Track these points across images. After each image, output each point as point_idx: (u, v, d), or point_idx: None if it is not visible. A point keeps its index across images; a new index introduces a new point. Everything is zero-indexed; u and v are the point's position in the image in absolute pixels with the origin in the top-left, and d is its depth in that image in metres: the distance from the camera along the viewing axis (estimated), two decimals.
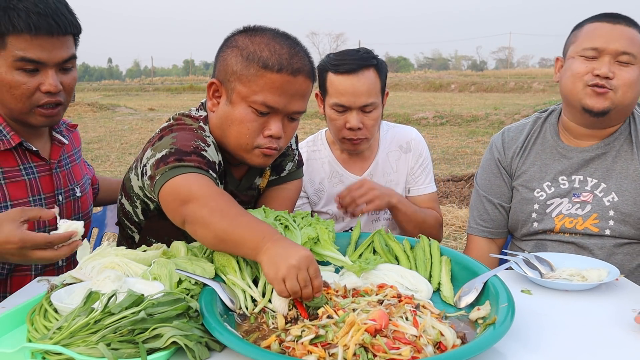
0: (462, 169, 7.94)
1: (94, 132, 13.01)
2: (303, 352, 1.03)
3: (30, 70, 1.52)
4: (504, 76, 33.76)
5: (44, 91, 1.54)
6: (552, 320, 1.28)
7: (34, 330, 1.14)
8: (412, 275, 1.43)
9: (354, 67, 1.96)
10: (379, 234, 1.60)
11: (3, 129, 1.60)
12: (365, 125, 2.01)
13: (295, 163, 1.87)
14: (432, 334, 1.08)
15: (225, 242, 1.29)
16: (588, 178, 1.86)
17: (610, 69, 1.75)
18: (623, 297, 1.42)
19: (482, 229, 2.05)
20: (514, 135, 2.03)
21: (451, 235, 4.95)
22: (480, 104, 18.68)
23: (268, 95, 1.46)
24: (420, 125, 14.06)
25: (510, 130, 2.06)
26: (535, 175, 1.94)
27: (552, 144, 1.94)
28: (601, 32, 1.79)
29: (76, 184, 1.83)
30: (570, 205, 1.87)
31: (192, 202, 1.32)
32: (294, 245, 1.23)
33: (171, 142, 1.46)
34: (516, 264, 1.54)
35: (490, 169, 2.06)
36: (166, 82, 51.05)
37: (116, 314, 1.08)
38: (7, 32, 1.47)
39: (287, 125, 1.54)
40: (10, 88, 1.52)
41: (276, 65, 1.45)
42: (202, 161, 1.43)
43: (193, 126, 1.58)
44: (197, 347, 1.05)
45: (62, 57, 1.55)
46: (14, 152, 1.62)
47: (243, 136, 1.51)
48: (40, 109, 1.56)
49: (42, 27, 1.48)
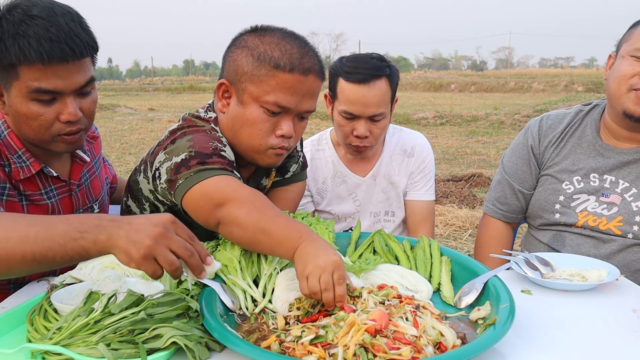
0: (462, 169, 7.94)
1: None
2: (303, 352, 1.02)
3: (46, 100, 1.39)
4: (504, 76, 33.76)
5: (63, 121, 1.42)
6: (552, 320, 1.28)
7: (33, 331, 1.14)
8: (412, 276, 1.43)
9: (365, 77, 1.94)
10: (379, 234, 1.60)
11: (23, 154, 1.50)
12: (373, 134, 2.01)
13: (300, 165, 1.87)
14: (432, 335, 1.08)
15: (261, 242, 1.28)
16: (620, 180, 1.83)
17: None
18: (623, 297, 1.42)
19: (497, 211, 2.06)
20: (553, 123, 2.00)
21: (451, 235, 4.95)
22: (480, 104, 18.68)
23: (280, 95, 1.46)
24: (420, 125, 14.05)
25: (550, 118, 2.02)
26: (567, 168, 1.91)
27: (591, 140, 1.91)
28: None
29: (94, 201, 1.77)
30: (597, 204, 1.85)
31: (227, 204, 1.31)
32: (328, 247, 1.22)
33: (188, 145, 1.45)
34: (516, 264, 1.54)
35: (520, 153, 2.03)
36: (166, 82, 51.07)
37: (116, 314, 1.08)
38: (19, 62, 1.33)
39: (297, 125, 1.54)
40: (28, 120, 1.41)
41: (288, 65, 1.45)
42: (225, 162, 1.43)
43: (205, 128, 1.56)
44: (197, 347, 1.05)
45: (80, 83, 1.42)
46: (35, 177, 1.54)
47: (256, 137, 1.50)
48: (62, 136, 1.46)
49: (55, 55, 1.33)
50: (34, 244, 1.05)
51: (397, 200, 2.22)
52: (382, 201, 2.21)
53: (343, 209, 2.20)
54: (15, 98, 1.38)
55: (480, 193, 6.28)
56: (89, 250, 1.05)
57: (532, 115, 13.23)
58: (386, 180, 2.20)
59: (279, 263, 1.39)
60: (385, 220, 2.22)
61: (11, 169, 1.49)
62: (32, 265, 1.06)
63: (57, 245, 1.04)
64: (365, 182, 2.19)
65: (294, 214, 1.69)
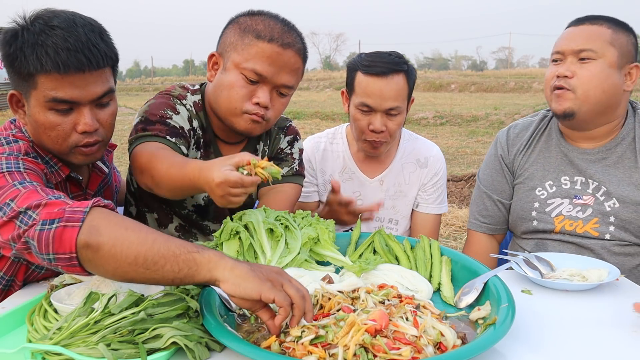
0: (462, 169, 7.94)
1: None
2: (303, 352, 1.02)
3: (63, 110, 1.39)
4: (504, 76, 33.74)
5: (79, 132, 1.42)
6: (552, 320, 1.28)
7: (34, 331, 1.14)
8: (412, 276, 1.43)
9: (384, 70, 1.95)
10: (379, 234, 1.60)
11: (50, 159, 1.49)
12: (388, 129, 2.01)
13: (293, 170, 1.91)
14: (432, 334, 1.07)
15: (181, 188, 1.45)
16: (589, 180, 1.85)
17: (569, 68, 1.76)
18: (623, 297, 1.42)
19: (481, 225, 2.06)
20: (520, 131, 2.03)
21: (451, 235, 4.95)
22: (480, 104, 18.68)
23: (258, 63, 1.58)
24: (420, 125, 14.06)
25: (517, 126, 2.06)
26: (537, 174, 1.93)
27: (557, 143, 1.93)
28: (565, 36, 1.82)
29: None
30: (571, 207, 1.86)
31: (145, 172, 1.50)
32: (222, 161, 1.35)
33: (144, 109, 1.67)
34: (516, 264, 1.54)
35: (493, 164, 2.06)
36: (166, 83, 51.00)
37: (116, 315, 1.08)
38: (37, 72, 1.34)
39: (276, 99, 1.65)
40: (46, 129, 1.41)
41: (268, 36, 1.58)
42: (165, 129, 1.60)
43: (174, 93, 1.73)
44: (197, 347, 1.05)
45: (97, 94, 1.41)
46: (59, 184, 1.53)
47: (233, 100, 1.62)
48: (79, 148, 1.45)
49: (72, 64, 1.33)
50: (149, 248, 1.08)
51: (404, 210, 2.21)
52: (387, 208, 2.20)
53: None
54: (34, 108, 1.39)
55: None
56: (200, 265, 1.09)
57: None
58: (395, 188, 2.19)
59: (278, 263, 1.40)
60: (388, 227, 2.21)
61: (46, 174, 1.46)
62: (139, 270, 1.09)
63: (171, 254, 1.08)
64: (371, 184, 2.18)
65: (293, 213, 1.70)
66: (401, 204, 2.20)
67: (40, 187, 1.24)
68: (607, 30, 1.76)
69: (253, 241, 1.42)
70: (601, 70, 1.73)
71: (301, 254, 1.44)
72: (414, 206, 2.22)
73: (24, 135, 1.47)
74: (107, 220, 1.12)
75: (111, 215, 1.14)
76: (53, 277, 1.51)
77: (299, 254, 1.44)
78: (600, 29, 1.76)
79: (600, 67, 1.73)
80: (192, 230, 1.89)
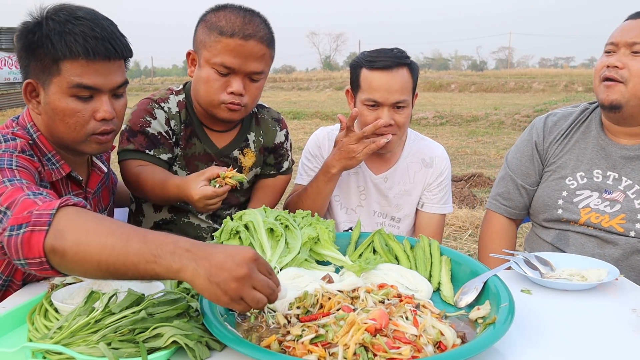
0: (462, 169, 7.94)
1: None
2: (303, 351, 1.03)
3: (84, 97, 1.45)
4: (504, 76, 33.73)
5: (98, 119, 1.47)
6: (552, 320, 1.28)
7: (34, 330, 1.14)
8: (412, 275, 1.43)
9: (388, 64, 1.97)
10: (379, 234, 1.60)
11: (53, 157, 1.53)
12: (397, 123, 2.01)
13: (290, 163, 2.16)
14: (432, 334, 1.08)
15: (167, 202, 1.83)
16: (623, 177, 1.84)
17: (620, 59, 1.74)
18: (623, 297, 1.42)
19: (500, 206, 2.07)
20: (559, 120, 2.01)
21: (451, 235, 4.95)
22: (480, 104, 18.68)
23: (225, 57, 1.73)
24: (420, 125, 14.06)
25: (556, 115, 2.04)
26: (570, 163, 1.92)
27: (595, 136, 1.92)
28: (620, 28, 1.80)
29: (104, 210, 1.80)
30: (599, 200, 1.85)
31: (135, 190, 1.79)
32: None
33: (128, 118, 1.85)
34: (516, 263, 1.54)
35: (524, 149, 2.04)
36: (166, 82, 50.97)
37: (117, 314, 1.08)
38: (63, 58, 1.40)
39: (249, 85, 1.80)
40: (65, 116, 1.45)
41: (229, 31, 1.73)
42: (145, 142, 1.82)
43: (154, 98, 1.91)
44: (197, 346, 1.05)
45: (117, 83, 1.49)
46: (60, 182, 1.56)
47: (209, 93, 1.79)
48: (95, 136, 1.50)
49: (100, 52, 1.42)
50: (109, 255, 1.04)
51: (407, 209, 2.20)
52: (390, 206, 2.20)
53: (349, 198, 2.21)
54: (54, 95, 1.43)
55: (480, 193, 6.28)
56: (160, 275, 1.04)
57: (532, 115, 13.23)
58: (399, 187, 2.19)
59: (278, 262, 1.40)
60: (390, 225, 2.21)
61: (44, 169, 1.50)
62: (107, 274, 1.06)
63: (130, 263, 1.03)
64: (375, 180, 2.18)
65: (277, 201, 2.15)
66: (405, 203, 2.20)
67: (27, 184, 1.24)
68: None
69: (253, 241, 1.43)
70: None
71: (301, 254, 1.44)
72: (419, 206, 2.21)
73: (25, 133, 1.48)
74: (73, 222, 1.09)
75: (78, 215, 1.11)
76: (53, 276, 1.51)
77: (299, 253, 1.44)
78: None
79: None
80: (183, 211, 2.02)
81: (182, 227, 2.00)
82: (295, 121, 15.31)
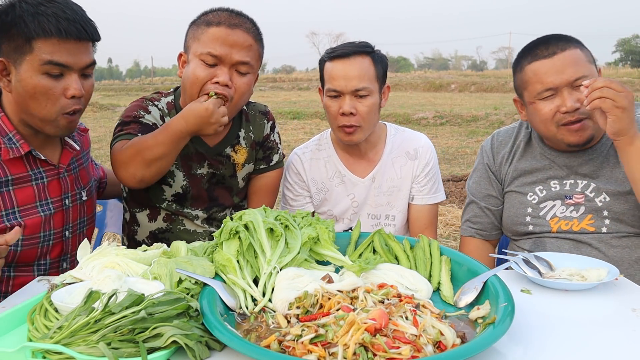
0: (462, 169, 7.95)
1: (94, 132, 13.01)
2: (303, 351, 1.03)
3: (55, 75, 1.54)
4: (504, 76, 33.71)
5: (69, 96, 1.57)
6: (551, 319, 1.28)
7: (34, 330, 1.14)
8: (412, 275, 1.43)
9: (346, 51, 2.01)
10: (379, 234, 1.60)
11: (13, 136, 1.62)
12: (359, 112, 2.00)
13: (280, 156, 2.15)
14: (432, 334, 1.08)
15: (175, 145, 1.72)
16: (578, 180, 1.87)
17: (574, 100, 1.71)
18: (623, 297, 1.42)
19: (472, 230, 2.09)
20: (503, 139, 2.04)
21: (451, 235, 4.95)
22: (480, 104, 18.68)
23: (210, 46, 1.77)
24: (420, 125, 14.06)
25: (500, 134, 2.07)
26: (526, 180, 1.95)
27: (539, 150, 1.95)
28: (546, 71, 1.75)
29: (83, 188, 1.85)
30: (564, 207, 1.88)
31: (119, 166, 1.74)
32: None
33: (122, 114, 1.90)
34: (516, 263, 1.54)
35: (480, 173, 2.08)
36: (166, 82, 50.95)
37: (116, 314, 1.08)
38: (36, 36, 1.50)
39: (236, 78, 1.81)
40: (36, 93, 1.54)
41: (215, 21, 1.79)
42: (137, 127, 1.82)
43: (147, 97, 1.96)
44: (197, 346, 1.05)
45: (86, 62, 1.60)
46: (24, 159, 1.65)
47: (194, 84, 1.79)
48: (64, 115, 1.60)
49: (71, 32, 1.53)
50: None
51: (399, 205, 2.20)
52: (382, 204, 2.19)
53: (341, 208, 2.20)
54: (25, 72, 1.53)
55: None
56: None
57: None
58: (388, 184, 2.18)
59: (278, 262, 1.40)
60: (385, 224, 2.20)
61: (0, 148, 1.60)
62: None
63: None
64: (363, 183, 2.18)
65: (275, 198, 2.16)
66: (396, 199, 2.19)
67: None
68: (579, 50, 1.76)
69: (253, 241, 1.43)
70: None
71: (301, 254, 1.44)
72: (410, 199, 2.20)
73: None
74: None
75: None
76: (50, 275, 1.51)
77: (299, 253, 1.44)
78: (576, 52, 1.75)
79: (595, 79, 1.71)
80: (178, 218, 2.02)
81: (178, 234, 2.00)
82: (295, 121, 15.32)
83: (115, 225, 2.29)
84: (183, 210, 2.00)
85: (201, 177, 2.00)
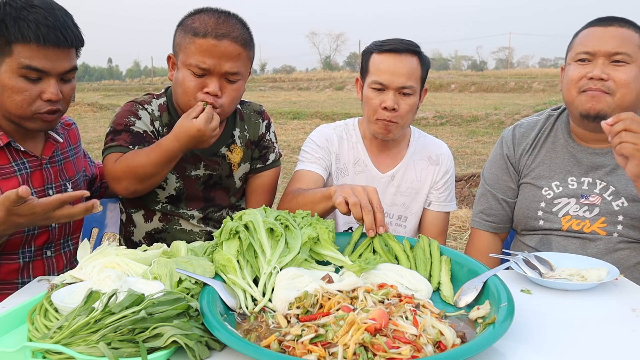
0: (462, 169, 7.94)
1: (94, 132, 13.01)
2: (303, 351, 1.03)
3: (33, 78, 1.57)
4: (504, 76, 33.74)
5: (44, 99, 1.60)
6: (551, 319, 1.28)
7: (34, 330, 1.14)
8: (411, 275, 1.43)
9: (398, 47, 1.99)
10: (379, 234, 1.60)
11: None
12: (400, 109, 2.00)
13: (277, 155, 2.14)
14: (432, 333, 1.08)
15: (167, 163, 1.74)
16: (597, 181, 1.84)
17: (603, 70, 1.73)
18: (623, 297, 1.42)
19: (485, 223, 2.06)
20: (525, 131, 2.02)
21: (451, 235, 4.95)
22: (480, 104, 18.67)
23: (198, 58, 1.76)
24: (420, 125, 14.06)
25: (522, 126, 2.05)
26: (543, 174, 1.93)
27: (563, 143, 1.93)
28: (593, 36, 1.79)
29: (68, 180, 1.86)
30: (578, 206, 1.86)
31: (112, 180, 1.79)
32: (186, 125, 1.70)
33: (112, 120, 1.91)
34: (516, 263, 1.54)
35: (498, 163, 2.05)
36: (166, 82, 50.76)
37: (116, 314, 1.08)
38: (16, 41, 1.53)
39: (226, 86, 1.81)
40: (12, 93, 1.57)
41: (202, 32, 1.75)
42: (129, 138, 1.84)
43: (137, 100, 1.95)
44: (197, 346, 1.05)
45: (65, 68, 1.61)
46: (6, 150, 1.68)
47: (186, 94, 1.81)
48: (41, 114, 1.62)
49: (50, 39, 1.54)
50: None
51: (415, 208, 2.19)
52: (397, 205, 2.18)
53: None
54: (4, 72, 1.56)
55: None
56: None
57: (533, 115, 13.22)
58: (406, 185, 2.17)
59: (278, 262, 1.40)
60: (396, 224, 2.18)
61: None
62: None
63: None
64: (382, 179, 2.16)
65: (273, 197, 2.14)
66: (413, 202, 2.18)
67: None
68: (635, 34, 1.76)
69: (253, 241, 1.43)
70: (636, 75, 1.73)
71: (301, 254, 1.44)
72: (426, 204, 2.20)
73: None
74: None
75: None
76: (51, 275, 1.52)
77: (299, 253, 1.44)
78: (630, 32, 1.76)
79: (635, 71, 1.74)
80: (174, 218, 2.02)
81: (174, 234, 1.99)
82: (295, 121, 15.32)
83: (115, 226, 2.29)
84: (178, 211, 2.00)
85: (196, 178, 1.99)
